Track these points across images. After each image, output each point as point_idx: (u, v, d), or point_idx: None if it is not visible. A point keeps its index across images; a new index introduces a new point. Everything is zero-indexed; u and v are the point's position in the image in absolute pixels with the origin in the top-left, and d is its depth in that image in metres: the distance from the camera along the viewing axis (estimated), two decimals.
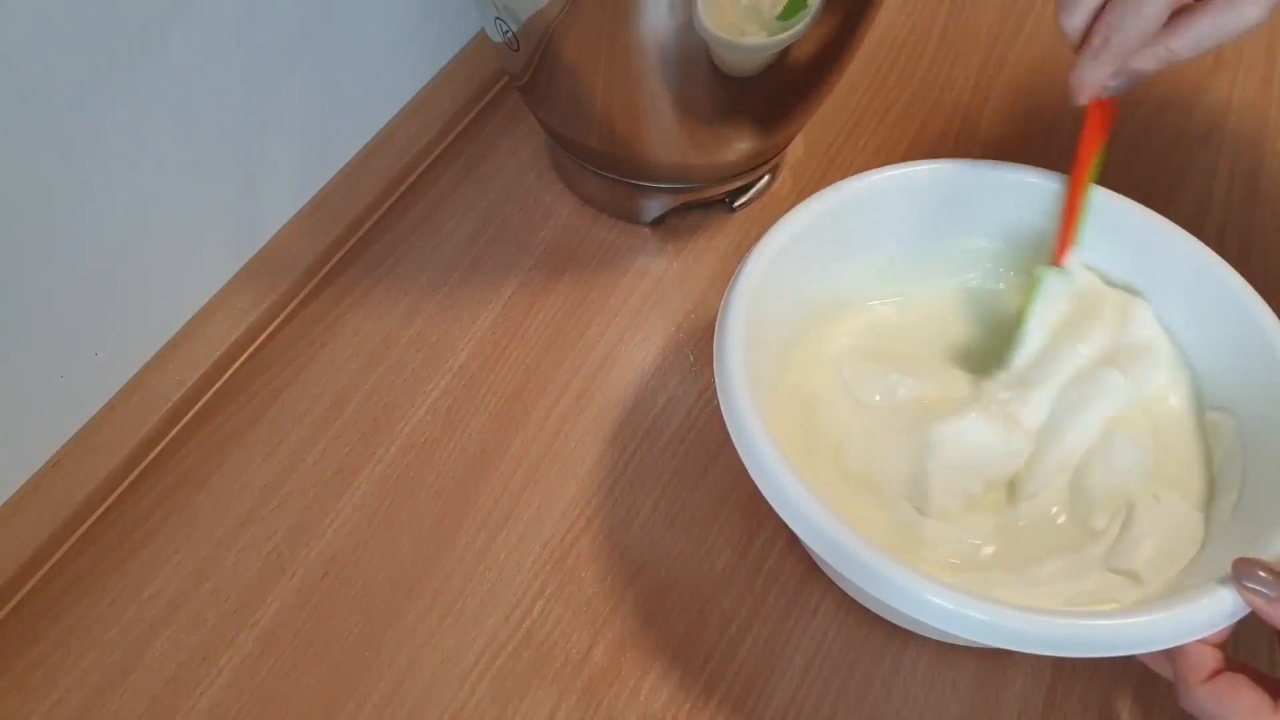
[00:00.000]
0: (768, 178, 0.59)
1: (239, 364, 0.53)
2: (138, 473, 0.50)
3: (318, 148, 0.56)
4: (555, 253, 0.58)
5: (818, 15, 0.45)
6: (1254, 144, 0.63)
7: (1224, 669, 0.36)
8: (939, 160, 0.48)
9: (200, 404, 0.52)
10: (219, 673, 0.44)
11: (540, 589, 0.46)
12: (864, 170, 0.47)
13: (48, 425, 0.47)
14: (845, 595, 0.46)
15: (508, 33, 0.49)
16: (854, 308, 0.49)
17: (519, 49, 0.49)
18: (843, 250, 0.48)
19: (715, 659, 0.45)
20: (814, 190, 0.46)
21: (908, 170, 0.47)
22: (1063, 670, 0.44)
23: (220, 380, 0.53)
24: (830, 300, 0.49)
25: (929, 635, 0.44)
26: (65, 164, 0.42)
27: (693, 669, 0.44)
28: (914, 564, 0.36)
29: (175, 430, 0.51)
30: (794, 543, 0.47)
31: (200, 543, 0.48)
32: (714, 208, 0.59)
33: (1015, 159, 0.48)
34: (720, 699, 0.44)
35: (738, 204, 0.58)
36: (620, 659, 0.45)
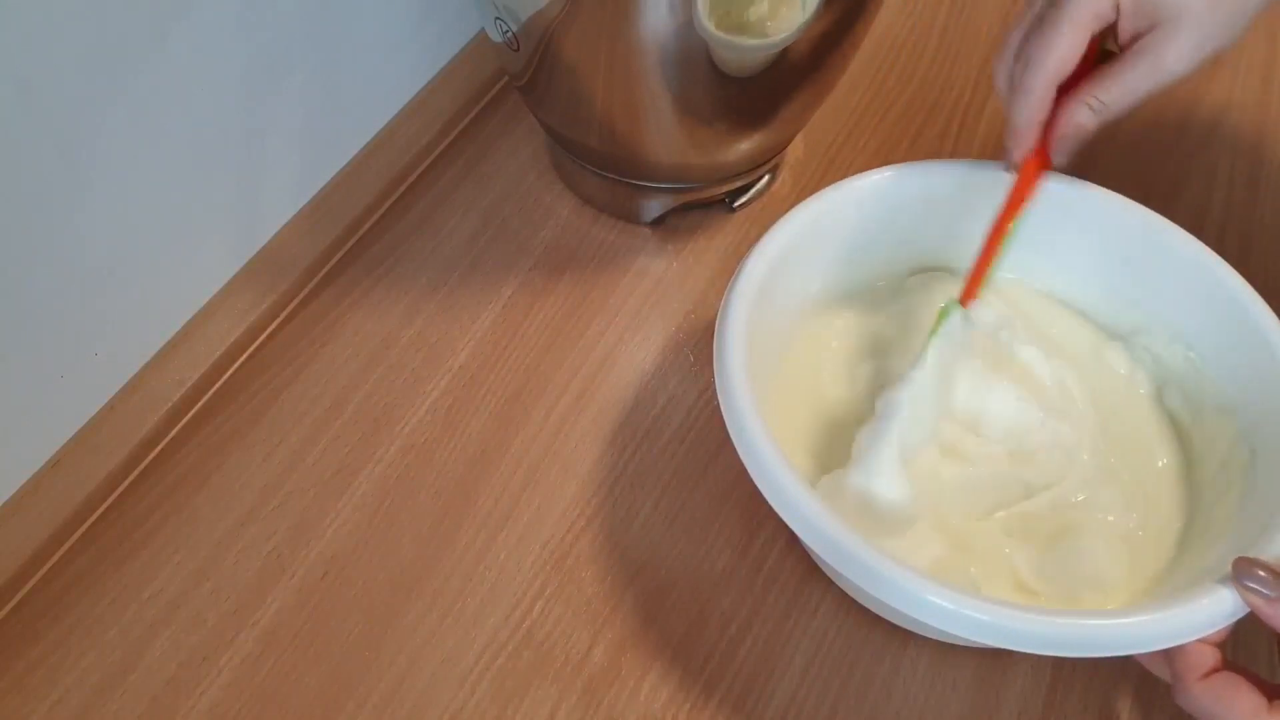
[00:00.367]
0: (768, 178, 0.59)
1: (239, 364, 0.53)
2: (138, 473, 0.50)
3: (318, 148, 0.56)
4: (555, 253, 0.58)
5: (817, 15, 0.45)
6: (1254, 144, 0.63)
7: (1222, 668, 0.36)
8: (939, 160, 0.48)
9: (200, 404, 0.52)
10: (219, 673, 0.44)
11: (540, 589, 0.46)
12: (864, 170, 0.47)
13: (48, 425, 0.47)
14: (845, 595, 0.46)
15: (508, 33, 0.49)
16: (854, 307, 0.49)
17: (519, 49, 0.49)
18: (843, 250, 0.48)
19: (715, 659, 0.45)
20: (814, 190, 0.46)
21: (907, 170, 0.48)
22: (1063, 670, 0.44)
23: (220, 380, 0.53)
24: (830, 300, 0.49)
25: (929, 635, 0.44)
26: (65, 164, 0.42)
27: (693, 669, 0.44)
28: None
29: (175, 430, 0.51)
30: (794, 543, 0.47)
31: (200, 543, 0.48)
32: (714, 208, 0.59)
33: None
34: (720, 699, 0.44)
35: (738, 204, 0.58)
36: (620, 659, 0.45)
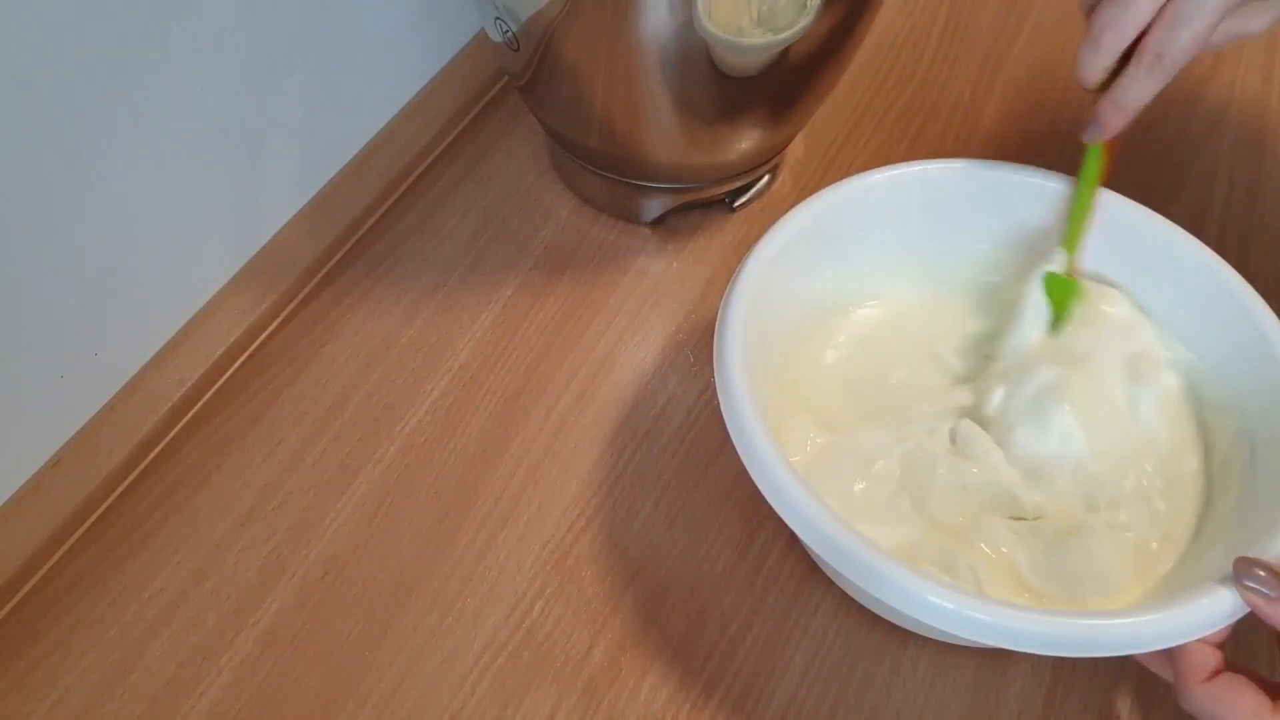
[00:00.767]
0: (768, 178, 0.59)
1: (239, 364, 0.53)
2: (138, 473, 0.50)
3: (318, 148, 0.56)
4: (555, 253, 0.58)
5: (818, 15, 0.45)
6: (1254, 144, 0.63)
7: (1224, 669, 0.36)
8: (938, 160, 0.48)
9: (200, 404, 0.52)
10: (219, 673, 0.44)
11: (540, 589, 0.46)
12: (864, 170, 0.47)
13: (48, 425, 0.47)
14: (845, 595, 0.46)
15: (508, 33, 0.49)
16: (854, 307, 0.49)
17: (519, 49, 0.49)
18: (842, 250, 0.48)
19: (715, 659, 0.45)
20: (814, 190, 0.46)
21: (907, 170, 0.48)
22: (1063, 670, 0.44)
23: (220, 380, 0.53)
24: (830, 300, 0.49)
25: (929, 635, 0.44)
26: (65, 164, 0.42)
27: (693, 669, 0.44)
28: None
29: (175, 430, 0.51)
30: (794, 543, 0.47)
31: (200, 543, 0.48)
32: (714, 208, 0.59)
33: (1015, 159, 0.48)
34: (720, 699, 0.44)
35: (738, 204, 0.58)
36: (620, 659, 0.45)
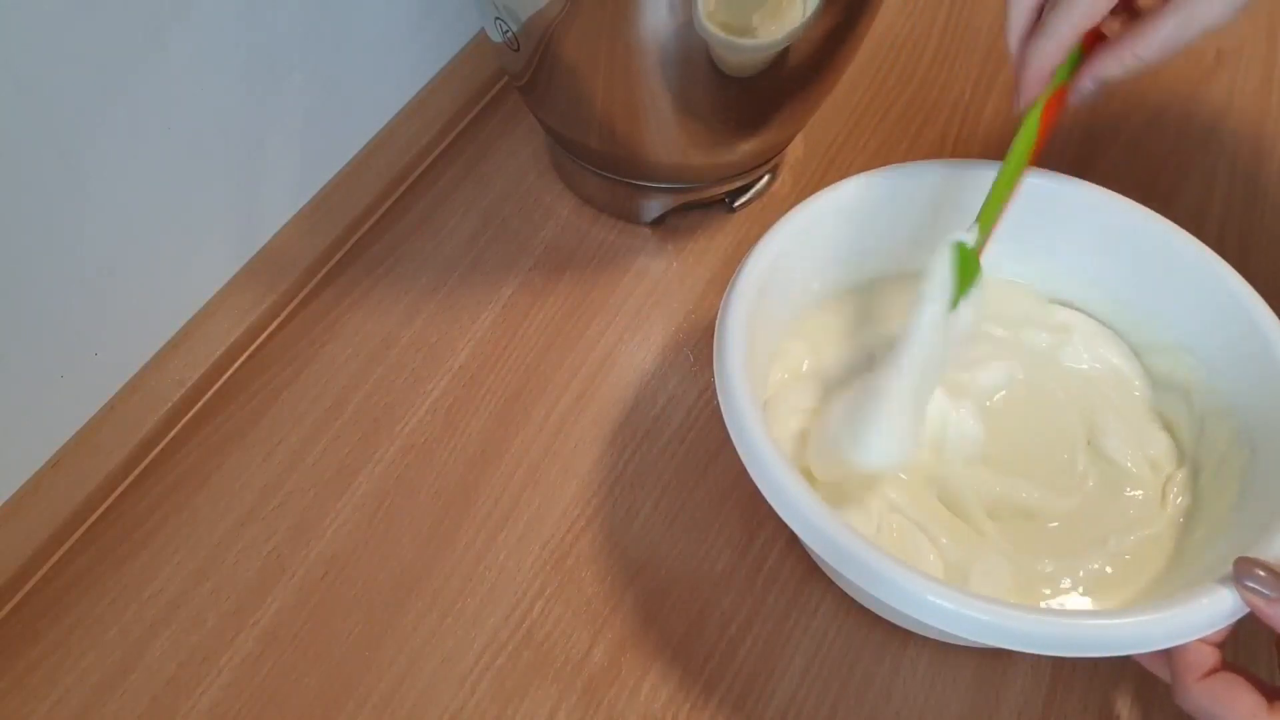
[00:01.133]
0: (768, 178, 0.59)
1: (239, 364, 0.53)
2: (138, 473, 0.50)
3: (318, 148, 0.56)
4: (555, 253, 0.58)
5: (818, 15, 0.45)
6: (1254, 144, 0.63)
7: (1221, 668, 0.36)
8: (938, 160, 0.48)
9: (200, 404, 0.52)
10: (219, 673, 0.44)
11: (540, 589, 0.46)
12: (864, 170, 0.47)
13: (48, 425, 0.47)
14: (845, 595, 0.46)
15: (508, 33, 0.49)
16: (854, 307, 0.49)
17: (519, 49, 0.49)
18: (843, 250, 0.48)
19: (715, 659, 0.45)
20: (814, 190, 0.46)
21: (907, 170, 0.47)
22: (1063, 670, 0.44)
23: (220, 380, 0.53)
24: (830, 300, 0.49)
25: (929, 635, 0.44)
26: (65, 164, 0.42)
27: (693, 669, 0.44)
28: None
29: (175, 430, 0.51)
30: (794, 543, 0.47)
31: (200, 543, 0.48)
32: (714, 208, 0.59)
33: None
34: (720, 699, 0.44)
35: (738, 204, 0.58)
36: (620, 659, 0.45)
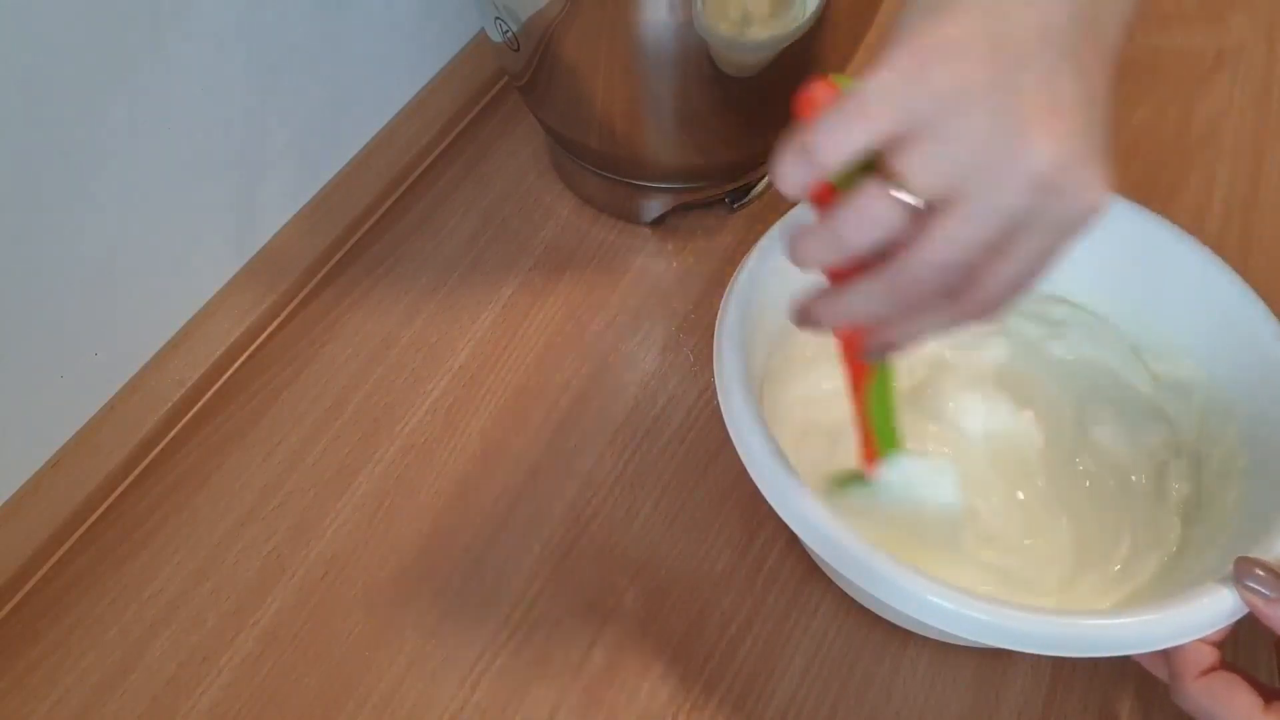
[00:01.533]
0: (768, 178, 0.59)
1: (239, 364, 0.53)
2: (138, 473, 0.50)
3: (318, 147, 0.56)
4: (555, 253, 0.58)
5: (817, 14, 0.45)
6: (1254, 144, 0.63)
7: (1219, 667, 0.36)
8: None
9: (200, 404, 0.52)
10: (219, 673, 0.44)
11: (540, 589, 0.46)
12: None
13: (48, 425, 0.47)
14: (845, 595, 0.46)
15: (508, 33, 0.49)
16: None
17: (519, 49, 0.49)
18: None
19: (715, 659, 0.45)
20: None
21: None
22: (1063, 670, 0.44)
23: (220, 380, 0.53)
24: None
25: (929, 635, 0.44)
26: (65, 164, 0.42)
27: (693, 669, 0.44)
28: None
29: (175, 430, 0.51)
30: (794, 543, 0.47)
31: (200, 543, 0.48)
32: (714, 208, 0.59)
33: None
34: (720, 699, 0.44)
35: (738, 204, 0.58)
36: (620, 659, 0.45)
